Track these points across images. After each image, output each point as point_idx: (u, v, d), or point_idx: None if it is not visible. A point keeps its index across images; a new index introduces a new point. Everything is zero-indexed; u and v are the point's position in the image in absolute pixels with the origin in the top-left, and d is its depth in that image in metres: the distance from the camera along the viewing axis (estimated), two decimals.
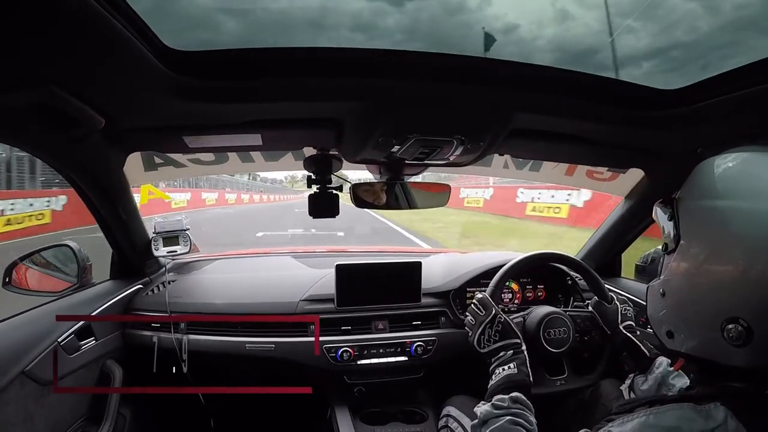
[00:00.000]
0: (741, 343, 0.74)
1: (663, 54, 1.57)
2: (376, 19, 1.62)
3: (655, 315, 0.96)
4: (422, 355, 1.93)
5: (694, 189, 0.87)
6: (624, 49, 1.21)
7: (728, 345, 0.76)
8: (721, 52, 1.15)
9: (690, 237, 0.85)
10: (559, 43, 1.76)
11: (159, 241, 2.00)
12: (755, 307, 0.73)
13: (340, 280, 1.95)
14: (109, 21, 0.73)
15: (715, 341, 0.78)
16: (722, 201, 0.78)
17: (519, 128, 1.31)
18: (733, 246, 0.76)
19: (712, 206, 0.80)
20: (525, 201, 14.96)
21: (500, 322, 1.48)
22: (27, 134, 1.19)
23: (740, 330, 0.74)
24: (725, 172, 0.82)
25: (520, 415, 1.22)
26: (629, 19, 1.22)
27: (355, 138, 1.31)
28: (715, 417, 0.74)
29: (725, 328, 0.76)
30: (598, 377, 1.63)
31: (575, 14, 2.01)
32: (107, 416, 1.70)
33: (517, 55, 1.08)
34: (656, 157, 1.54)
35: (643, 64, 1.40)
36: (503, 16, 2.04)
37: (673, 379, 1.36)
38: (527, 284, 2.20)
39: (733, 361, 0.77)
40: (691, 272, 0.84)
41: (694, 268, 0.83)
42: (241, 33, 1.16)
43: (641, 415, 0.81)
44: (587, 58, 1.20)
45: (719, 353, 0.79)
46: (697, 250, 0.83)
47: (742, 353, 0.75)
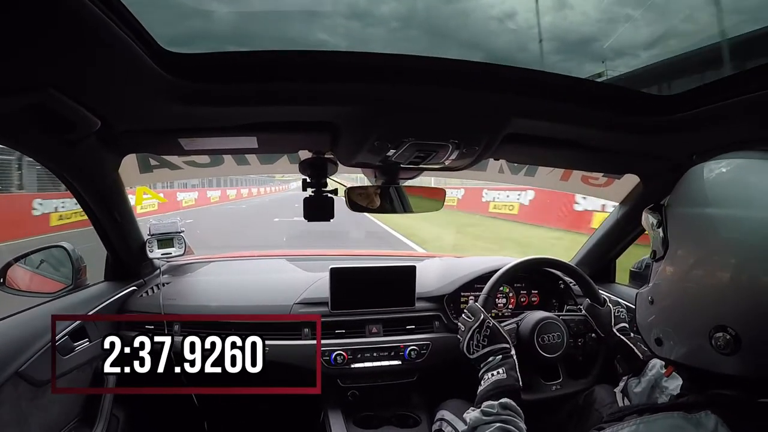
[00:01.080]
0: (729, 351, 0.74)
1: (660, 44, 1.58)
2: (372, 6, 1.62)
3: (644, 322, 0.96)
4: (416, 359, 1.93)
5: (682, 196, 0.86)
6: (622, 38, 1.21)
7: (716, 353, 0.76)
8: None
9: (678, 244, 0.84)
10: (555, 32, 1.77)
11: (154, 243, 2.00)
12: (743, 316, 0.73)
13: (335, 283, 1.95)
14: (107, 23, 0.73)
15: (703, 349, 0.78)
16: (711, 209, 0.78)
17: (514, 133, 1.31)
18: (722, 254, 0.75)
19: (700, 214, 0.80)
20: (488, 200, 16.54)
21: (488, 327, 1.48)
22: (23, 136, 1.19)
23: (728, 339, 0.74)
24: (714, 180, 0.81)
25: (510, 421, 1.22)
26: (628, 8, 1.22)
27: (350, 142, 1.31)
28: (705, 425, 0.73)
29: (713, 336, 0.75)
30: (593, 381, 1.63)
31: (572, 2, 2.02)
32: (100, 417, 1.70)
33: (513, 43, 1.08)
34: (651, 163, 1.54)
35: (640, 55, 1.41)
36: (500, 4, 2.05)
37: (666, 381, 1.36)
38: (521, 289, 2.20)
39: (722, 370, 0.77)
40: (679, 279, 0.83)
41: (682, 275, 0.83)
42: (234, 20, 1.16)
43: (631, 424, 0.80)
44: (584, 47, 1.21)
45: (708, 361, 0.78)
46: (685, 258, 0.82)
47: (730, 361, 0.75)
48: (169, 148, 1.50)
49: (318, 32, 1.19)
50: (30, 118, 1.05)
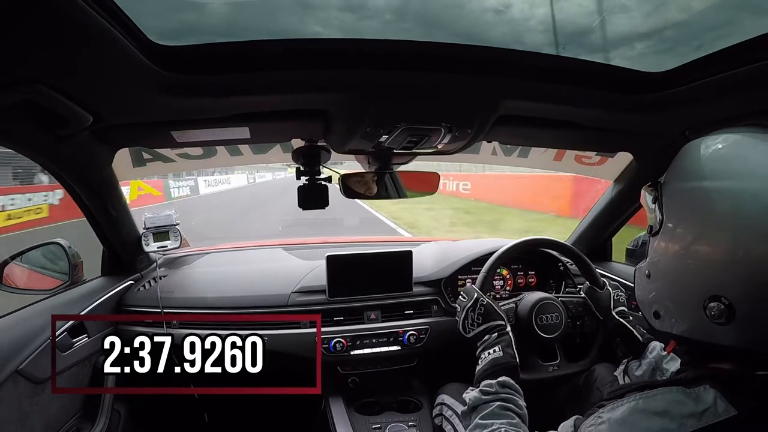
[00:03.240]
0: (723, 321, 0.74)
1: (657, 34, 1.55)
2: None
3: (642, 296, 0.96)
4: (415, 344, 1.94)
5: (678, 171, 0.87)
6: (616, 29, 1.20)
7: (711, 323, 0.76)
8: (715, 33, 1.15)
9: (673, 218, 0.85)
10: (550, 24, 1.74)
11: (149, 236, 2.00)
12: (737, 286, 0.73)
13: (332, 271, 1.95)
14: (92, 17, 0.72)
15: (699, 320, 0.78)
16: (706, 182, 0.78)
17: (506, 115, 1.31)
18: (717, 226, 0.76)
19: (696, 187, 0.80)
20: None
21: (482, 305, 1.49)
22: (14, 133, 1.18)
23: (722, 308, 0.74)
24: (710, 155, 0.82)
25: (509, 399, 1.23)
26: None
27: (342, 128, 1.31)
28: (704, 399, 0.74)
29: (707, 306, 0.76)
30: (590, 363, 1.64)
31: None
32: (102, 413, 1.71)
33: (509, 35, 1.07)
34: (644, 141, 1.54)
35: (636, 45, 1.39)
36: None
37: (666, 363, 1.37)
38: (518, 270, 2.21)
39: (719, 340, 0.77)
40: (674, 252, 0.84)
41: (677, 248, 0.83)
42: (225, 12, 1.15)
43: (631, 399, 0.81)
44: (580, 39, 1.20)
45: (704, 332, 0.79)
46: (681, 231, 0.83)
47: (726, 331, 0.75)
48: (161, 141, 1.50)
49: (311, 24, 1.18)
50: (21, 114, 1.04)
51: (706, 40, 1.06)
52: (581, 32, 1.21)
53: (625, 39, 1.28)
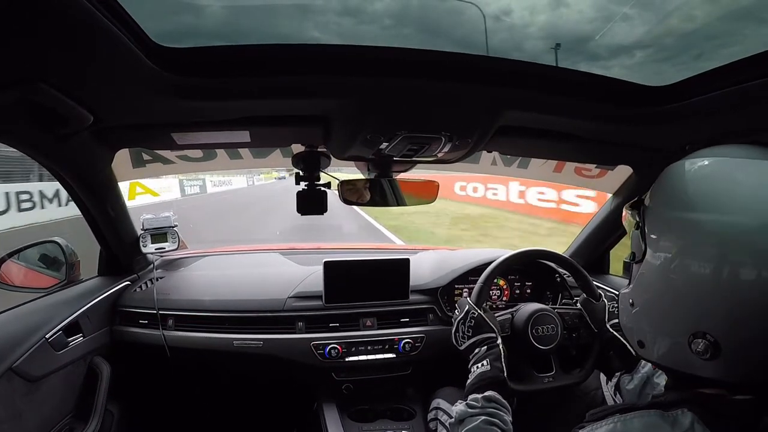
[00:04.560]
0: (709, 357, 0.73)
1: (656, 43, 1.58)
2: (365, 3, 1.62)
3: (626, 324, 0.95)
4: (410, 352, 1.94)
5: (662, 196, 0.84)
6: (617, 37, 1.21)
7: (696, 358, 0.75)
8: (716, 42, 1.17)
9: (656, 248, 0.83)
10: (551, 31, 1.76)
11: (147, 237, 2.00)
12: (722, 321, 0.72)
13: (328, 276, 1.95)
14: (97, 17, 0.72)
15: (683, 353, 0.77)
16: (691, 214, 0.76)
17: (507, 125, 1.31)
18: (701, 260, 0.74)
19: (681, 218, 0.78)
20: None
21: (473, 318, 1.49)
22: (14, 131, 1.18)
23: (707, 344, 0.73)
24: (698, 181, 0.79)
25: (495, 414, 1.23)
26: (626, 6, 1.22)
27: (342, 135, 1.31)
28: (681, 423, 0.73)
29: (692, 342, 0.75)
30: (586, 375, 1.64)
31: (569, 0, 2.01)
32: (95, 413, 1.70)
33: (508, 41, 1.07)
34: (644, 154, 1.54)
35: (636, 54, 1.41)
36: (495, 1, 2.02)
37: (657, 378, 1.37)
38: (515, 281, 2.21)
39: (703, 373, 0.76)
40: (659, 285, 0.82)
41: (660, 279, 0.81)
42: (225, 16, 1.15)
43: (609, 422, 0.80)
44: (580, 47, 1.20)
45: (688, 365, 0.78)
46: (664, 263, 0.80)
47: (711, 366, 0.74)
48: (161, 142, 1.50)
49: (310, 29, 1.19)
50: (21, 113, 1.04)
51: (706, 50, 1.06)
52: (581, 40, 1.21)
53: (624, 48, 1.28)
